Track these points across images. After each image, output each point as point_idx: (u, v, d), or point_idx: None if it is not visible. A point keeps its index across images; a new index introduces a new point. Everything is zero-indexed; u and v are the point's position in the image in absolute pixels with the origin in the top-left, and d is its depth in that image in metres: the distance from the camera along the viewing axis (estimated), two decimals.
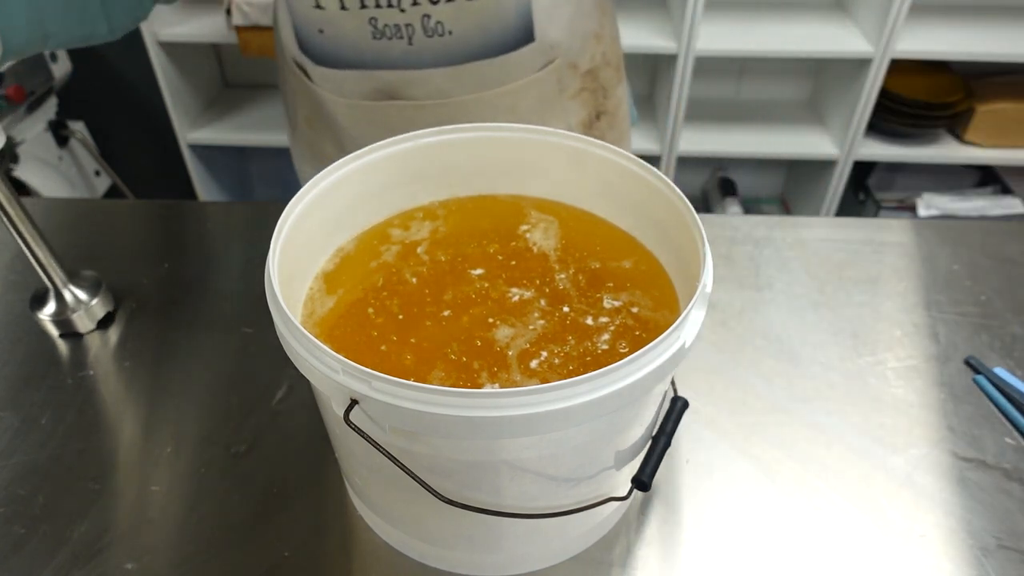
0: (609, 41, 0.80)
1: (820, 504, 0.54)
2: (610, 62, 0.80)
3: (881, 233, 0.81)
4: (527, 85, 0.75)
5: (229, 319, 0.70)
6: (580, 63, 0.77)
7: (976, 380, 0.64)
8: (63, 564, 0.50)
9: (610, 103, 0.83)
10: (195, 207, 0.87)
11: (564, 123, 0.80)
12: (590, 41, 0.77)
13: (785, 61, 1.89)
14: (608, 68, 0.80)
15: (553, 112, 0.79)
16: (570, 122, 0.80)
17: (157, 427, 0.60)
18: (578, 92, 0.79)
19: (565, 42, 0.75)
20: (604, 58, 0.79)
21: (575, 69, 0.77)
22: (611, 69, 0.81)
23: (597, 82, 0.80)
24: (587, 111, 0.81)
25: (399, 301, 0.49)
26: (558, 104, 0.78)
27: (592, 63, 0.78)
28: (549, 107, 0.78)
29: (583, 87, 0.79)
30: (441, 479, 0.41)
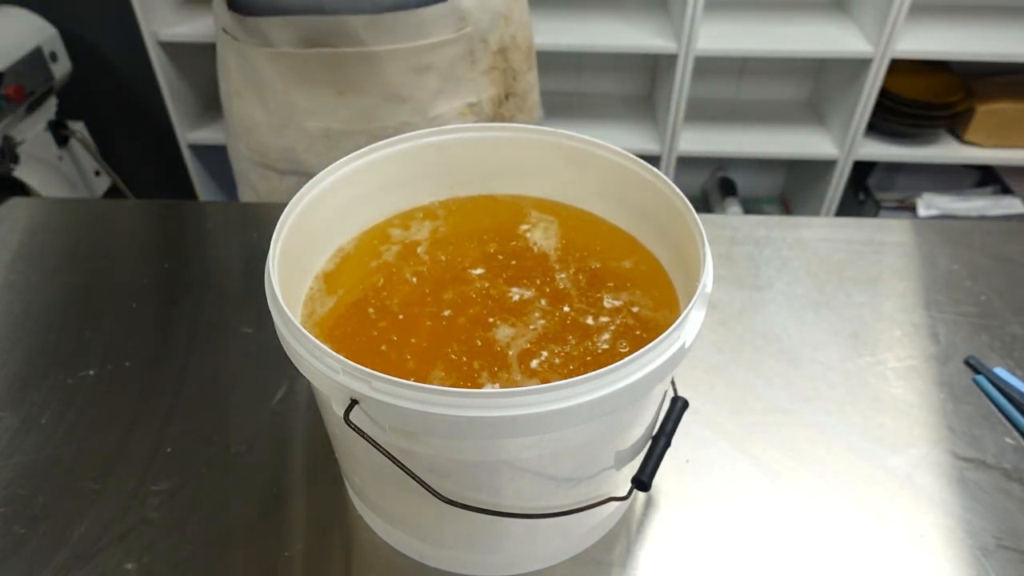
0: (518, 25, 0.85)
1: (820, 504, 0.54)
2: (519, 46, 0.86)
3: (881, 233, 0.81)
4: (441, 46, 0.80)
5: (229, 319, 0.70)
6: (490, 40, 0.83)
7: (976, 380, 0.64)
8: (63, 564, 0.50)
9: (519, 86, 0.88)
10: (195, 207, 0.87)
11: (476, 96, 0.85)
12: (499, 20, 0.82)
13: (785, 61, 1.89)
14: (518, 52, 0.86)
15: (465, 82, 0.84)
16: (481, 96, 0.86)
17: (157, 427, 0.59)
18: (489, 69, 0.84)
19: (475, 13, 0.80)
20: (513, 41, 0.85)
21: (486, 44, 0.83)
22: (520, 53, 0.86)
23: (507, 63, 0.85)
24: (497, 89, 0.86)
25: (399, 301, 0.49)
26: (470, 75, 0.84)
27: (502, 43, 0.84)
28: (462, 76, 0.84)
29: (494, 65, 0.84)
30: (441, 479, 0.41)
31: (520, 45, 0.86)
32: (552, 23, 1.74)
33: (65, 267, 0.76)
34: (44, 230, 0.82)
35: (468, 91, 0.85)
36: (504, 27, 0.83)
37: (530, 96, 0.92)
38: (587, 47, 1.68)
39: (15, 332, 0.68)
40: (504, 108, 0.89)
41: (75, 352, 0.66)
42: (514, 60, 0.86)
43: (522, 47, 0.87)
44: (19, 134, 1.61)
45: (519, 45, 0.86)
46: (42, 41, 1.64)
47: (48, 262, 0.77)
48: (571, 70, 1.97)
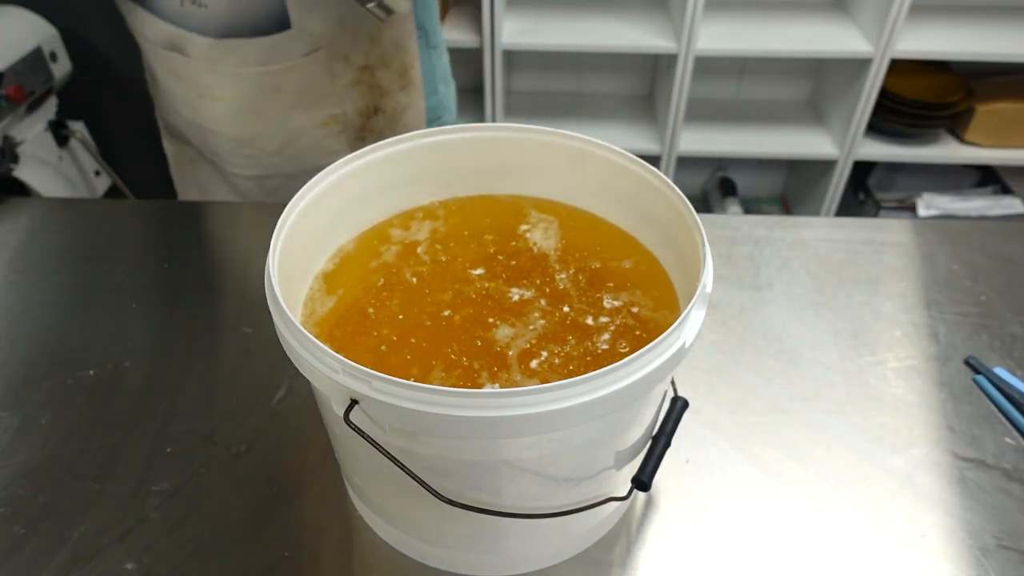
0: (391, 48, 0.83)
1: (820, 504, 0.54)
2: (390, 66, 0.84)
3: (881, 233, 0.81)
4: (290, 69, 0.79)
5: (229, 319, 0.70)
6: (353, 58, 0.81)
7: (976, 380, 0.64)
8: (63, 564, 0.50)
9: (387, 103, 0.87)
10: (195, 207, 0.87)
11: (339, 108, 0.85)
12: (362, 41, 0.81)
13: (785, 61, 1.89)
14: (387, 71, 0.85)
15: (326, 95, 0.83)
16: (346, 108, 0.85)
17: (157, 427, 0.59)
18: (354, 83, 0.83)
19: (328, 36, 0.78)
20: (382, 60, 0.83)
21: (348, 61, 0.81)
22: (391, 73, 0.85)
23: (374, 79, 0.84)
24: (364, 102, 0.86)
25: (399, 301, 0.49)
26: (331, 89, 0.83)
27: (367, 60, 0.82)
28: (321, 91, 0.83)
29: (359, 80, 0.83)
30: (441, 479, 0.41)
31: (390, 64, 0.84)
32: (553, 23, 1.74)
33: (65, 267, 0.76)
34: (44, 230, 0.82)
35: (330, 103, 0.84)
36: (371, 47, 0.82)
37: (403, 117, 0.89)
38: (587, 47, 1.68)
39: (15, 332, 0.68)
40: (373, 122, 0.88)
41: (75, 352, 0.66)
42: (382, 78, 0.85)
43: (393, 67, 0.85)
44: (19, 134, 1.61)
45: (389, 64, 0.84)
46: (42, 41, 1.63)
47: (48, 262, 0.77)
48: (571, 70, 1.97)
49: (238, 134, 0.86)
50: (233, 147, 0.88)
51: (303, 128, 0.85)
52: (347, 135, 0.87)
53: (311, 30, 0.77)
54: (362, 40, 0.81)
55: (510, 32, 1.70)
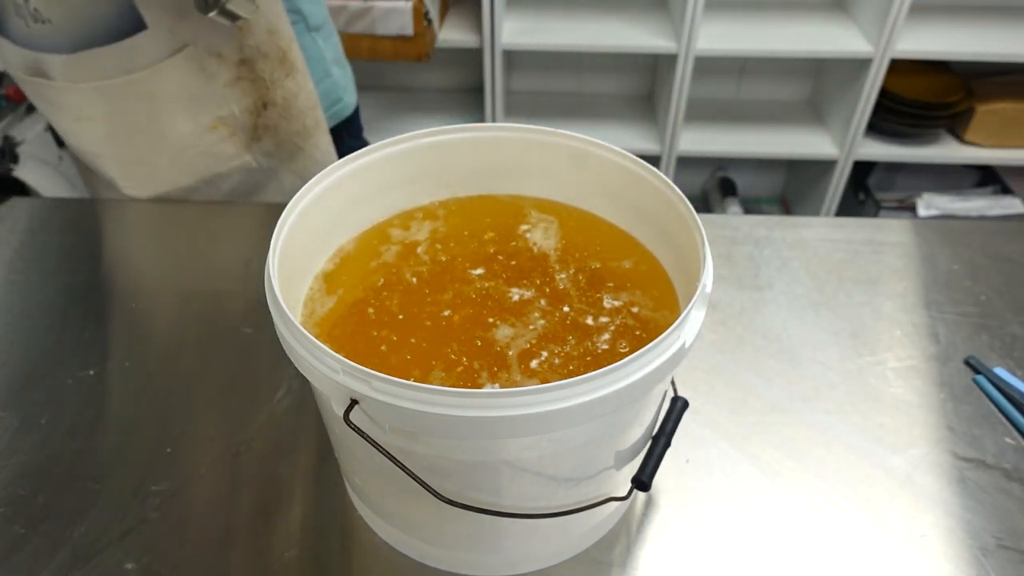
0: (262, 35, 0.79)
1: (820, 504, 0.54)
2: (267, 55, 0.80)
3: (881, 233, 0.81)
4: (157, 72, 0.74)
5: (229, 319, 0.70)
6: (226, 53, 0.77)
7: (976, 380, 0.64)
8: (63, 564, 0.50)
9: (275, 94, 0.83)
10: (195, 207, 0.87)
11: (227, 110, 0.81)
12: (233, 33, 0.76)
13: (785, 61, 1.89)
14: (265, 61, 0.80)
15: (207, 98, 0.79)
16: (232, 108, 0.81)
17: (157, 427, 0.59)
18: (234, 80, 0.79)
19: (190, 31, 0.74)
20: (258, 50, 0.79)
21: (222, 58, 0.77)
22: (269, 62, 0.81)
23: (254, 72, 0.80)
24: (250, 99, 0.82)
25: (399, 301, 0.49)
26: (210, 91, 0.79)
27: (242, 54, 0.78)
28: (199, 93, 0.78)
29: (239, 76, 0.79)
30: (441, 479, 0.41)
31: (267, 54, 0.80)
32: (553, 23, 1.74)
33: (65, 267, 0.76)
34: (44, 230, 0.82)
35: (215, 105, 0.80)
36: (243, 38, 0.77)
37: (295, 103, 0.85)
38: (587, 47, 1.68)
39: (15, 332, 0.68)
40: (265, 117, 0.84)
41: (75, 352, 0.66)
42: (263, 70, 0.80)
43: (271, 56, 0.80)
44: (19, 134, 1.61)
45: (266, 54, 0.80)
46: None
47: (48, 262, 0.77)
48: (571, 70, 1.97)
49: (124, 153, 0.82)
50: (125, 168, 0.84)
51: (190, 136, 0.81)
52: (240, 137, 0.83)
53: (169, 26, 0.72)
54: (232, 32, 0.76)
55: (510, 32, 1.70)
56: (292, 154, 0.88)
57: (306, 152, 0.89)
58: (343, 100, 0.95)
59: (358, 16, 1.54)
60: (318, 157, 0.91)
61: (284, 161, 0.89)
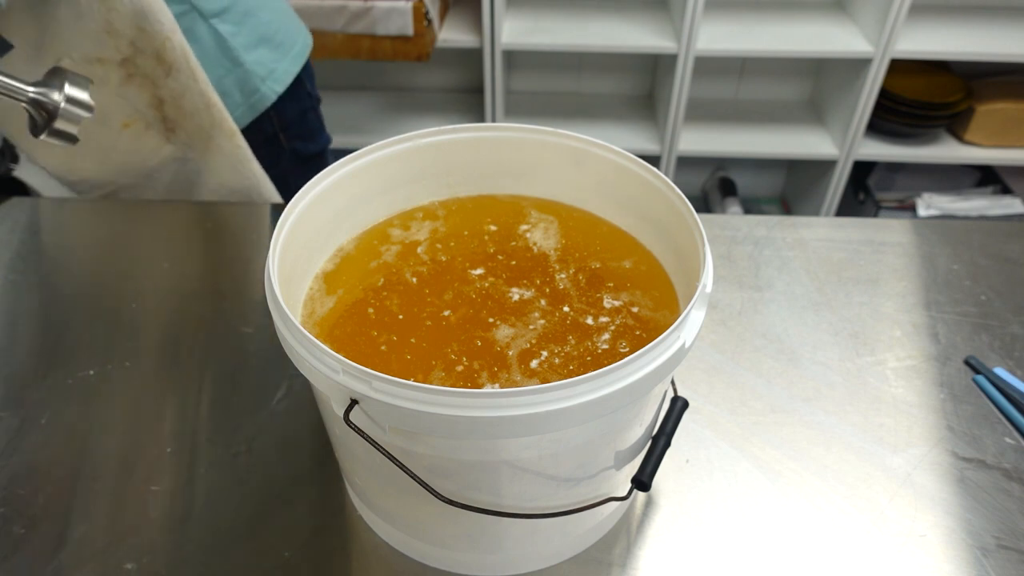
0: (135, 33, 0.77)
1: (820, 504, 0.54)
2: (144, 51, 0.78)
3: (881, 233, 0.81)
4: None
5: (229, 319, 0.70)
6: (105, 56, 0.76)
7: (976, 380, 0.64)
8: (63, 564, 0.50)
9: (165, 91, 0.81)
10: (195, 207, 0.87)
11: (131, 107, 0.80)
12: (102, 37, 0.75)
13: (785, 61, 1.89)
14: (144, 57, 0.78)
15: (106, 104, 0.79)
16: (137, 105, 0.80)
17: (157, 427, 0.60)
18: (125, 80, 0.79)
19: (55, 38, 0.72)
20: (134, 48, 0.77)
21: (103, 62, 0.76)
22: (148, 59, 0.79)
23: (139, 69, 0.79)
24: (148, 93, 0.81)
25: (399, 301, 0.49)
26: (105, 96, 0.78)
27: (122, 54, 0.77)
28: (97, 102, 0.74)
29: (129, 74, 0.79)
30: (441, 479, 0.41)
31: (144, 51, 0.78)
32: (553, 23, 1.74)
33: (65, 267, 0.76)
34: (44, 230, 0.82)
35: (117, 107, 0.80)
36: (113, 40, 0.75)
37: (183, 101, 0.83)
38: (587, 47, 1.68)
39: (15, 332, 0.68)
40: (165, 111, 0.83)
41: (75, 352, 0.66)
42: (144, 66, 0.79)
43: (147, 53, 0.78)
44: None
45: (143, 50, 0.78)
46: None
47: (48, 262, 0.77)
48: (571, 70, 1.97)
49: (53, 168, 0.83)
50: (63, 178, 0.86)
51: (107, 139, 0.81)
52: (156, 128, 0.83)
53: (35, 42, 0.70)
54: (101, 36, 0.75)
55: (510, 32, 1.70)
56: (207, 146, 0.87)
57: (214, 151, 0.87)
58: (260, 91, 0.91)
59: (358, 16, 1.54)
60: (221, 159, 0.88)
61: (203, 152, 0.87)
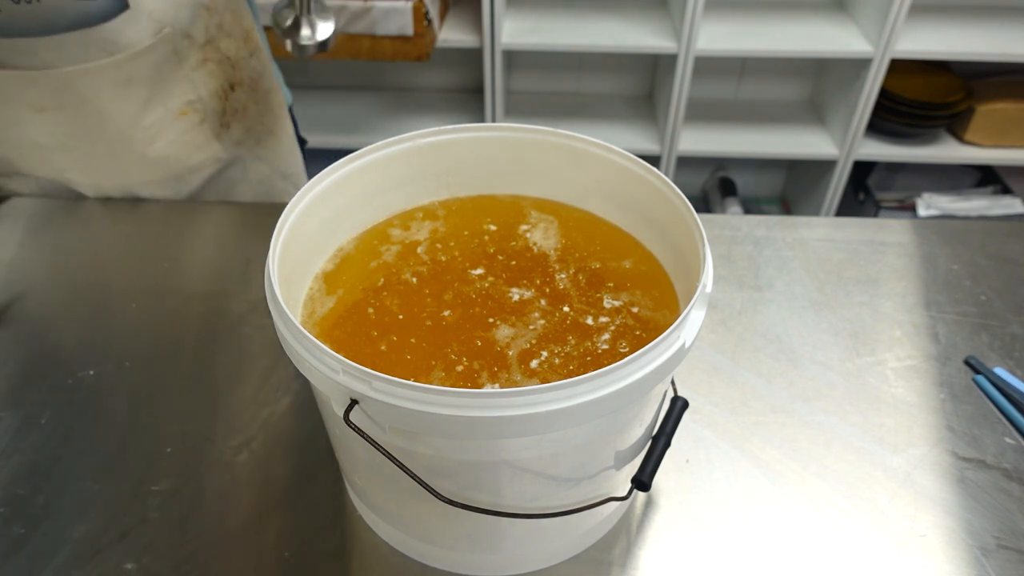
0: (225, 12, 0.78)
1: (820, 504, 0.54)
2: (231, 34, 0.79)
3: (881, 233, 0.81)
4: (138, 56, 0.74)
5: (229, 319, 0.70)
6: (195, 34, 0.76)
7: (976, 380, 0.64)
8: (63, 564, 0.50)
9: (242, 74, 0.82)
10: (195, 207, 0.87)
11: (193, 93, 0.80)
12: (199, 12, 0.76)
13: (785, 61, 1.89)
14: (229, 39, 0.79)
15: (176, 83, 0.78)
16: (200, 93, 0.80)
17: (157, 427, 0.60)
18: (201, 63, 0.78)
19: (169, 12, 0.73)
20: (221, 30, 0.78)
21: (191, 40, 0.77)
22: (233, 41, 0.80)
23: (220, 53, 0.79)
24: (218, 82, 0.81)
25: (399, 301, 0.49)
26: (180, 74, 0.78)
27: (208, 34, 0.77)
28: (170, 77, 0.77)
29: (206, 58, 0.78)
30: (441, 479, 0.41)
31: (231, 32, 0.79)
32: (553, 23, 1.74)
33: (65, 267, 0.76)
34: (44, 230, 0.82)
35: (183, 90, 0.79)
36: (207, 17, 0.77)
37: (261, 82, 0.84)
38: (587, 47, 1.68)
39: (15, 332, 0.68)
40: (232, 100, 0.83)
41: (75, 352, 0.66)
42: (228, 49, 0.80)
43: (234, 34, 0.79)
44: None
45: (230, 32, 0.79)
46: None
47: (48, 262, 0.77)
48: (571, 70, 1.97)
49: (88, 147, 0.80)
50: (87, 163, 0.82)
51: (159, 122, 0.80)
52: (209, 123, 0.82)
53: (149, 8, 0.72)
54: (199, 11, 0.75)
55: (510, 32, 1.70)
56: (260, 139, 0.88)
57: (275, 135, 0.89)
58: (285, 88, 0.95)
59: (358, 16, 1.54)
60: (285, 140, 0.90)
61: (252, 148, 0.88)
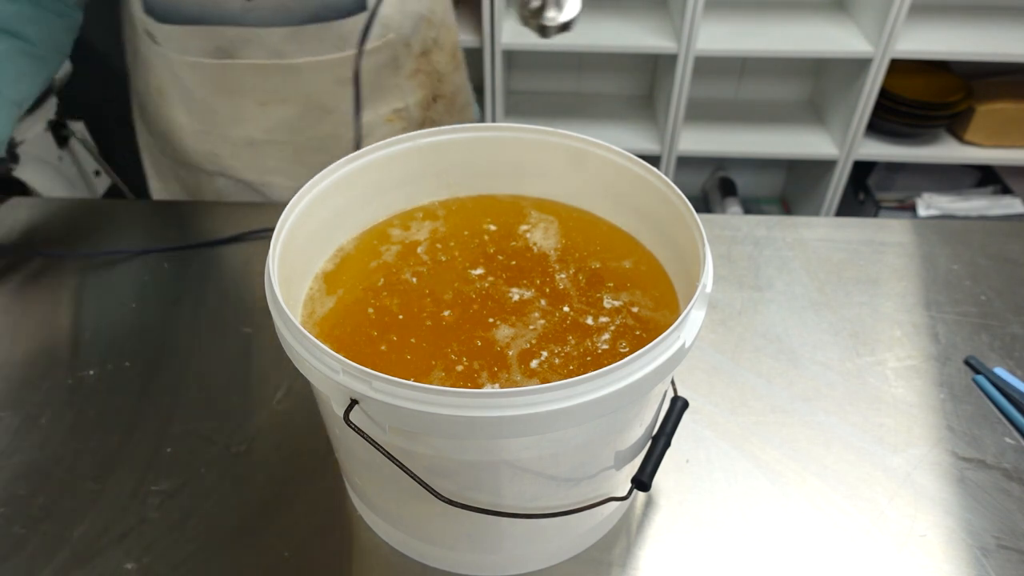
0: (441, 27, 0.82)
1: (820, 504, 0.54)
2: (443, 47, 0.83)
3: (881, 233, 0.81)
4: (364, 56, 0.77)
5: (229, 319, 0.70)
6: (413, 43, 0.80)
7: (976, 380, 0.64)
8: (63, 564, 0.50)
9: (446, 87, 0.86)
10: (195, 207, 0.87)
11: (402, 101, 0.83)
12: (421, 23, 0.80)
13: (785, 61, 1.89)
14: (441, 52, 0.83)
15: (390, 89, 0.82)
16: (408, 101, 0.84)
17: (157, 427, 0.59)
18: (414, 72, 0.82)
19: (396, 18, 0.77)
20: (436, 43, 0.82)
21: (409, 49, 0.80)
22: (445, 54, 0.84)
23: (431, 65, 0.83)
24: (424, 92, 0.84)
25: (399, 301, 0.49)
26: (394, 81, 0.81)
27: (424, 46, 0.81)
28: (386, 83, 0.81)
29: (418, 68, 0.82)
30: (441, 479, 0.41)
31: (443, 46, 0.84)
32: None
33: (65, 267, 0.76)
34: (44, 230, 0.82)
35: (394, 97, 0.83)
36: (426, 30, 0.81)
37: (459, 97, 0.89)
38: (587, 47, 1.68)
39: (15, 332, 0.68)
40: (432, 111, 0.86)
41: (75, 352, 0.66)
42: (438, 62, 0.84)
43: (445, 48, 0.84)
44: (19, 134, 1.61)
45: (442, 46, 0.83)
46: None
47: (48, 262, 0.77)
48: (571, 70, 1.97)
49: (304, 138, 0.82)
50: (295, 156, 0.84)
51: (369, 126, 0.83)
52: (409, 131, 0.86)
53: (383, 13, 0.76)
54: (421, 23, 0.80)
55: (510, 32, 1.70)
56: None
57: None
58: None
59: None
60: None
61: None
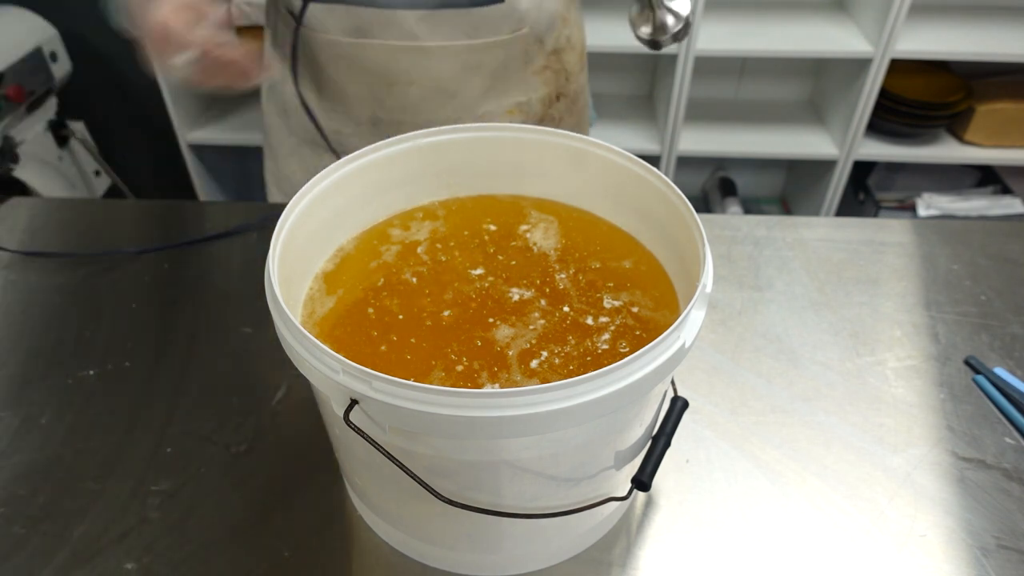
0: (574, 27, 0.84)
1: (820, 504, 0.54)
2: (574, 47, 0.84)
3: (881, 233, 0.81)
4: (494, 46, 0.79)
5: (229, 319, 0.70)
6: (546, 40, 0.81)
7: (976, 380, 0.64)
8: (63, 564, 0.50)
9: (571, 87, 0.87)
10: (195, 207, 0.87)
11: (525, 96, 0.84)
12: (557, 21, 0.81)
13: (785, 61, 1.88)
14: (572, 52, 0.84)
15: (516, 82, 0.83)
16: (531, 96, 0.84)
17: (157, 427, 0.59)
18: (542, 69, 0.83)
19: (533, 14, 0.79)
20: (569, 42, 0.83)
21: (541, 45, 0.81)
22: (575, 54, 0.85)
23: (561, 63, 0.84)
24: (549, 89, 0.85)
25: (399, 301, 0.49)
26: (521, 75, 0.82)
27: (557, 43, 0.82)
28: (514, 75, 0.82)
29: (547, 65, 0.83)
30: (441, 479, 0.41)
31: (575, 46, 0.85)
32: None
33: (65, 267, 0.76)
34: (44, 230, 0.82)
35: (518, 90, 0.84)
36: (561, 28, 0.83)
37: (580, 98, 0.90)
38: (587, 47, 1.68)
39: (15, 332, 0.68)
40: (554, 109, 0.88)
41: (75, 352, 0.66)
42: (568, 61, 0.85)
43: (576, 48, 0.86)
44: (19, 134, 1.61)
45: (574, 46, 0.85)
46: (42, 41, 1.64)
47: (48, 262, 0.77)
48: None
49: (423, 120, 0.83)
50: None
51: (490, 116, 0.84)
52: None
53: (521, 7, 0.77)
54: (557, 21, 0.81)
55: None
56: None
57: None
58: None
59: None
60: None
61: None
